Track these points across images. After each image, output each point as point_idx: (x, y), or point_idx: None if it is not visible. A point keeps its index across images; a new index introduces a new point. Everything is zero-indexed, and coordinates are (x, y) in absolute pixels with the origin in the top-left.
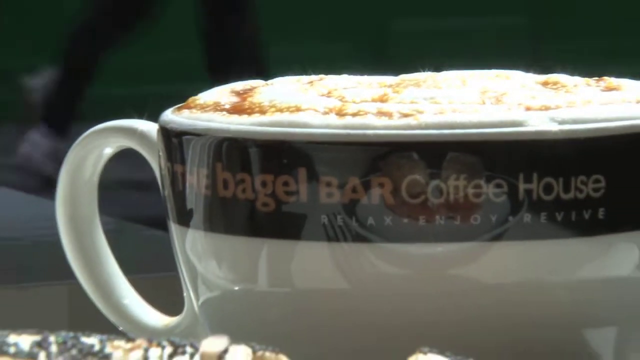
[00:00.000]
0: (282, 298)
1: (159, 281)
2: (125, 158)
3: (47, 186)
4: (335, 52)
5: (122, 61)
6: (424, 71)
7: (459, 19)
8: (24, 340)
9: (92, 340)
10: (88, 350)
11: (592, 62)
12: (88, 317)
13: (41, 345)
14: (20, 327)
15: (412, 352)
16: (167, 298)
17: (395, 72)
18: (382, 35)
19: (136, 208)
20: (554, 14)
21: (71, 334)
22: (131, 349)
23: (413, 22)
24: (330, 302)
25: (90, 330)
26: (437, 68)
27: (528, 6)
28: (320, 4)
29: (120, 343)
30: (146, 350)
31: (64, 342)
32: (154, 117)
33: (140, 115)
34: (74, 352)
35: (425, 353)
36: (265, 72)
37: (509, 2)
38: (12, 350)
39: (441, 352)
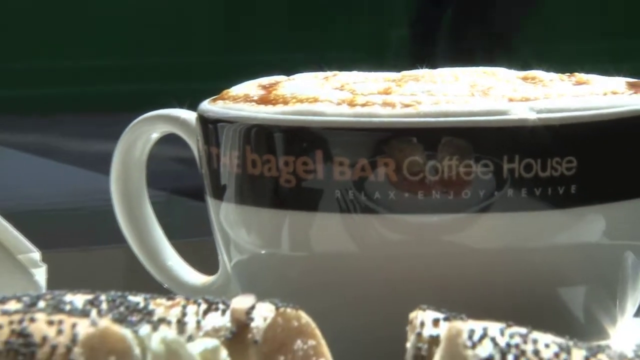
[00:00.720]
0: (301, 260)
1: (198, 245)
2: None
3: None
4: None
5: None
6: (422, 68)
7: None
8: (78, 299)
9: (137, 299)
10: (134, 308)
11: (561, 64)
12: (139, 277)
13: (93, 303)
14: (81, 286)
15: (412, 309)
16: (204, 260)
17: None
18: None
19: (182, 183)
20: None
21: (119, 293)
22: (171, 306)
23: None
24: (342, 264)
25: (140, 288)
26: (433, 66)
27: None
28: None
29: (162, 301)
30: (184, 307)
31: (113, 300)
32: (193, 107)
33: (181, 105)
34: (121, 309)
35: (424, 310)
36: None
37: None
38: (67, 308)
39: (437, 309)
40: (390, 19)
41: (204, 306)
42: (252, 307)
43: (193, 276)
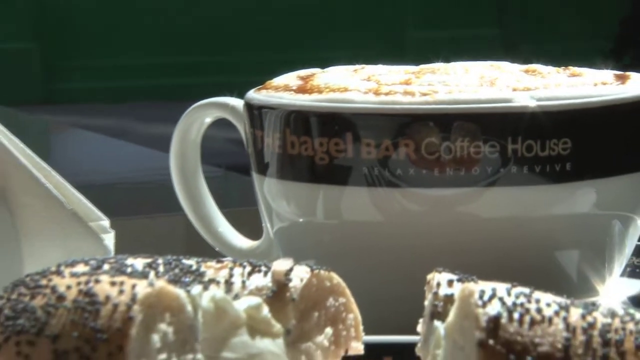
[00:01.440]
0: (333, 228)
1: (246, 214)
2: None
3: None
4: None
5: None
6: (437, 62)
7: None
8: (138, 263)
9: (190, 262)
10: (187, 269)
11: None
12: (194, 241)
13: (151, 266)
14: (144, 249)
15: (430, 271)
16: (250, 227)
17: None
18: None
19: (235, 161)
20: (523, 27)
21: (175, 257)
22: (220, 268)
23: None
24: (368, 231)
25: (195, 251)
26: (447, 60)
27: (499, 20)
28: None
29: (212, 264)
30: (231, 269)
31: (169, 263)
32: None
33: (231, 94)
34: (176, 271)
35: (440, 272)
36: None
37: (483, 17)
38: (128, 270)
39: (451, 271)
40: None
41: (248, 268)
42: (291, 269)
43: (240, 241)
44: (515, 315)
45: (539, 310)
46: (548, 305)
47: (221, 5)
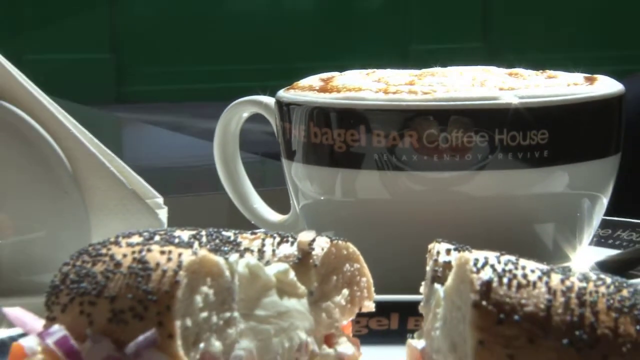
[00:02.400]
0: (349, 204)
1: (277, 192)
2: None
3: None
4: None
5: None
6: (437, 67)
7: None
8: (185, 234)
9: (229, 233)
10: (226, 240)
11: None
12: (233, 215)
13: (195, 237)
14: (192, 223)
15: (430, 241)
16: (280, 203)
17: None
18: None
19: (269, 149)
20: (504, 41)
21: (216, 229)
22: (254, 239)
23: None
24: (378, 207)
25: (233, 224)
26: (444, 65)
27: (483, 36)
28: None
29: (247, 235)
30: (263, 239)
31: (210, 235)
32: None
33: (264, 93)
34: (216, 241)
35: (439, 242)
36: None
37: (471, 33)
38: (176, 241)
39: (449, 242)
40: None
41: (278, 239)
42: (313, 240)
43: (271, 215)
44: (505, 280)
45: (524, 276)
46: (532, 271)
47: (258, 27)
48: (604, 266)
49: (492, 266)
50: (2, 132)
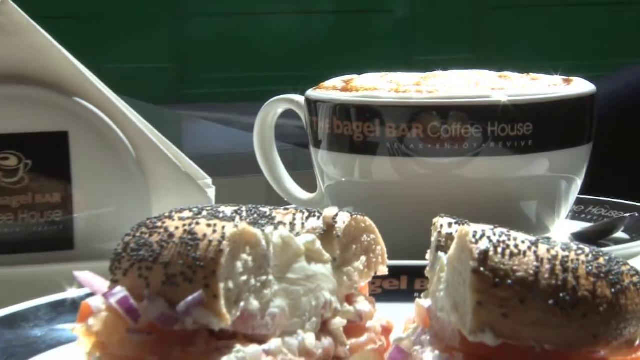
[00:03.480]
0: (365, 185)
1: (306, 175)
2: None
3: None
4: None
5: None
6: (439, 70)
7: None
8: (228, 210)
9: (265, 209)
10: (263, 215)
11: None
12: (270, 194)
13: (237, 212)
14: (235, 200)
15: (435, 216)
16: (309, 184)
17: None
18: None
19: (299, 139)
20: (491, 52)
21: (254, 205)
22: (286, 214)
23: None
24: (390, 188)
25: (269, 202)
26: (445, 69)
27: (473, 48)
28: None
29: (280, 211)
30: (294, 214)
31: (250, 210)
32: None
33: (295, 92)
34: (255, 215)
35: (442, 217)
36: None
37: (463, 45)
38: (220, 215)
39: (450, 217)
40: (412, 49)
41: (306, 214)
42: (336, 215)
43: (301, 194)
44: (499, 249)
45: (516, 246)
46: (522, 242)
47: (290, 43)
48: (578, 237)
49: (488, 237)
50: (77, 125)
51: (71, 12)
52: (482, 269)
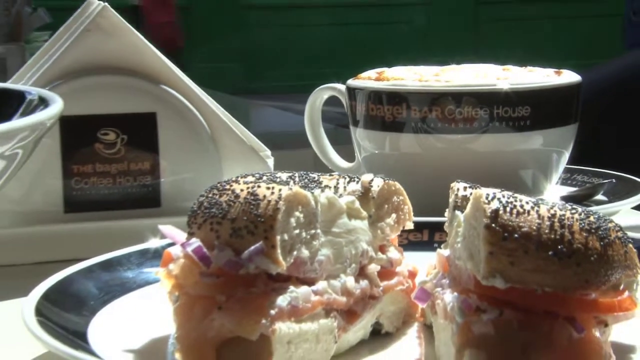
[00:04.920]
0: (395, 156)
1: (346, 148)
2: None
3: None
4: None
5: None
6: (454, 64)
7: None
8: (283, 175)
9: (314, 175)
10: (312, 179)
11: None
12: (318, 164)
13: (291, 177)
14: (289, 168)
15: (452, 182)
16: (348, 155)
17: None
18: None
19: (340, 121)
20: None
21: (305, 172)
22: (331, 179)
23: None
24: (414, 158)
25: (318, 169)
26: (459, 63)
27: (474, 50)
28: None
29: (326, 176)
30: (337, 179)
31: (302, 176)
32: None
33: (338, 82)
34: (305, 180)
35: (458, 182)
36: None
37: (466, 50)
38: (277, 180)
39: (465, 182)
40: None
41: (347, 179)
42: (372, 180)
43: (342, 163)
44: (508, 209)
45: (521, 206)
46: (527, 202)
47: (333, 46)
48: (566, 199)
49: (498, 199)
50: (163, 107)
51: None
52: (493, 225)
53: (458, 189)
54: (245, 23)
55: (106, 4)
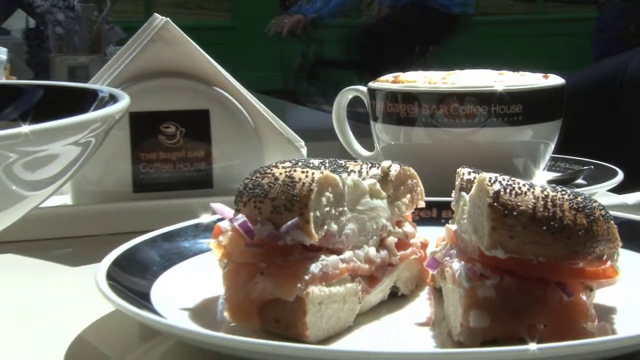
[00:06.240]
0: (408, 146)
1: (367, 140)
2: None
3: None
4: None
5: None
6: (457, 70)
7: None
8: (316, 161)
9: (341, 161)
10: (340, 165)
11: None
12: (344, 152)
13: (322, 163)
14: (319, 156)
15: (457, 167)
16: (369, 145)
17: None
18: None
19: (362, 119)
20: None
21: (334, 159)
22: (356, 165)
23: None
24: (425, 148)
25: (343, 157)
26: (462, 69)
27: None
28: None
29: (352, 162)
30: (361, 165)
31: (331, 162)
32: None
33: (360, 84)
34: (334, 166)
35: (463, 168)
36: None
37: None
38: (311, 165)
39: (469, 167)
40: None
41: (369, 165)
42: (390, 165)
43: (364, 152)
44: (507, 190)
45: (519, 188)
46: (523, 185)
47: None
48: (552, 182)
49: (499, 182)
50: (215, 105)
51: (214, 40)
52: (495, 204)
53: (463, 174)
54: (282, 40)
55: (168, 19)
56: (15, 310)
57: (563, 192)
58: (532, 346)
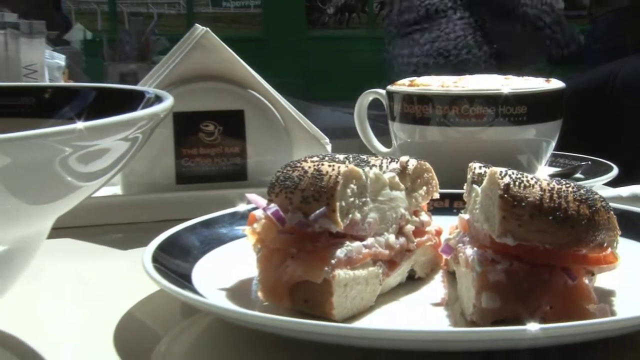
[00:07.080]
0: (423, 143)
1: (386, 137)
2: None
3: None
4: None
5: None
6: (467, 75)
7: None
8: (341, 156)
9: (364, 156)
10: (362, 160)
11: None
12: (364, 149)
13: (347, 158)
14: (342, 152)
15: (469, 162)
16: (387, 142)
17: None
18: None
19: (381, 119)
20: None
21: (357, 154)
22: (376, 160)
23: None
24: (438, 145)
25: (364, 152)
26: (472, 74)
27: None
28: None
29: (373, 157)
30: (382, 160)
31: (355, 157)
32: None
33: (379, 88)
34: (358, 160)
35: (474, 162)
36: None
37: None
38: (337, 159)
39: (479, 162)
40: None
41: (389, 160)
42: (408, 160)
43: (383, 148)
44: (517, 183)
45: (527, 181)
46: (531, 178)
47: (371, 67)
48: (553, 176)
49: (509, 175)
50: (249, 106)
51: (247, 50)
52: (505, 195)
53: (475, 168)
54: (309, 49)
55: (208, 29)
56: (72, 288)
57: (567, 185)
58: (536, 326)
